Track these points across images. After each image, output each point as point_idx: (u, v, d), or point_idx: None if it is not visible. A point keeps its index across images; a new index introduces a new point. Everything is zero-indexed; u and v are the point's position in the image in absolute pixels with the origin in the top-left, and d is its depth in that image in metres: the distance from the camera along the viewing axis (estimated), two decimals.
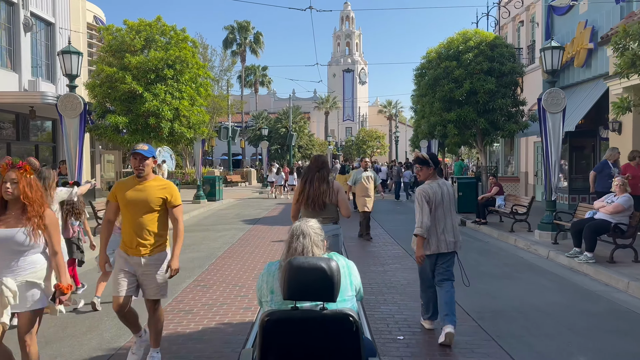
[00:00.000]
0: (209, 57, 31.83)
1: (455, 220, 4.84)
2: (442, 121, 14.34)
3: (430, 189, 4.65)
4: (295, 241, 2.63)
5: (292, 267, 2.39)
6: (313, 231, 2.67)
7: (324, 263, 2.41)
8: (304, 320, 2.43)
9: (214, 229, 12.89)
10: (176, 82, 14.29)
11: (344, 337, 2.40)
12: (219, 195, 21.00)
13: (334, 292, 2.39)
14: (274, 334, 2.40)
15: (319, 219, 3.69)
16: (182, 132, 14.24)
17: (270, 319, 2.40)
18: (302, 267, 2.39)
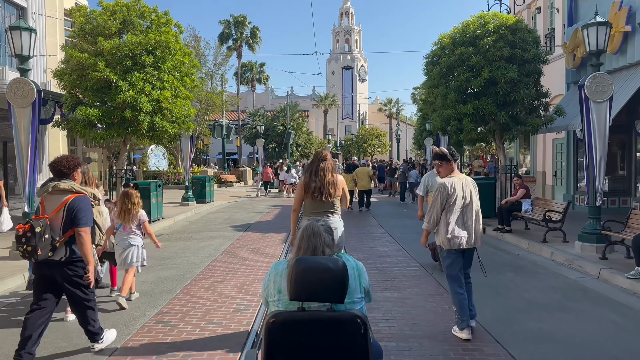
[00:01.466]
0: (202, 51, 30.15)
1: (479, 215, 4.77)
2: (457, 114, 12.70)
3: (451, 184, 4.55)
4: (306, 241, 2.56)
5: (299, 266, 2.35)
6: (324, 230, 2.61)
7: (332, 263, 2.35)
8: (311, 321, 2.35)
9: (197, 237, 11.25)
10: (157, 71, 12.62)
11: (352, 339, 2.32)
12: (210, 197, 19.37)
13: (342, 294, 2.34)
14: (280, 336, 2.33)
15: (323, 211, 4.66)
16: (164, 127, 12.58)
17: (276, 321, 2.33)
18: (310, 267, 2.35)
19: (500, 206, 11.12)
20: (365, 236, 11.12)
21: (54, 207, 4.04)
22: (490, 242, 10.36)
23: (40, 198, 4.12)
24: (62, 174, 4.11)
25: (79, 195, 4.07)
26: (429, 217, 4.65)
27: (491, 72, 12.19)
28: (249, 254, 9.12)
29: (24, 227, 3.86)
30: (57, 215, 4.00)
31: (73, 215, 3.98)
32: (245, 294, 6.29)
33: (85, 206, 4.06)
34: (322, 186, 4.84)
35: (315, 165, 4.94)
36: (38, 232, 3.84)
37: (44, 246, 3.87)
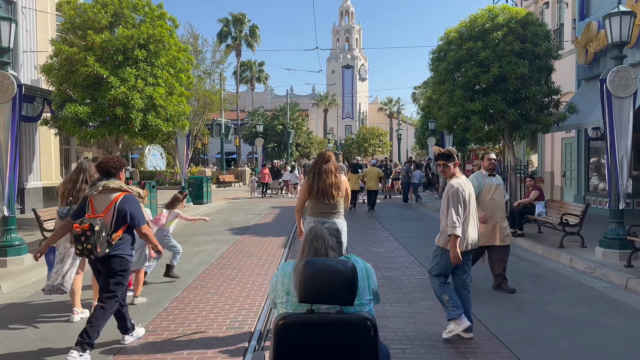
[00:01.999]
0: (199, 49, 29.50)
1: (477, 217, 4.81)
2: (465, 112, 12.12)
3: (465, 184, 4.57)
4: (309, 244, 2.55)
5: (307, 268, 2.32)
6: (329, 233, 2.58)
7: (342, 265, 2.32)
8: (320, 324, 2.31)
9: (192, 241, 10.66)
10: (150, 66, 12.03)
11: (361, 342, 2.30)
12: (207, 198, 18.78)
13: (352, 296, 2.30)
14: (289, 338, 2.29)
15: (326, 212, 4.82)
16: (157, 125, 11.99)
17: (285, 323, 2.30)
18: (319, 268, 2.32)
19: (511, 209, 10.54)
20: (369, 240, 10.55)
21: (104, 205, 4.25)
22: None
23: (88, 197, 4.29)
24: (109, 173, 4.33)
25: (127, 194, 4.32)
26: (455, 220, 4.39)
27: (501, 68, 11.62)
28: (246, 260, 8.53)
29: (83, 227, 4.02)
30: (108, 214, 4.22)
31: (129, 217, 4.26)
32: (240, 307, 5.71)
33: (136, 205, 4.34)
34: (325, 188, 4.86)
35: (319, 167, 4.95)
36: (97, 230, 4.04)
37: (102, 243, 4.09)
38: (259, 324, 5.10)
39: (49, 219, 9.21)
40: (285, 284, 2.56)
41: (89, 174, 5.13)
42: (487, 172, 6.28)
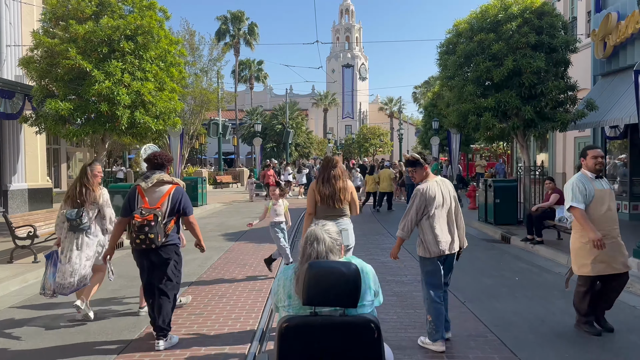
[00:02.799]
0: (196, 45, 28.66)
1: (459, 218, 4.53)
2: (476, 109, 11.28)
3: (429, 189, 4.35)
4: (309, 247, 2.51)
5: (311, 271, 2.31)
6: (329, 236, 2.54)
7: (345, 267, 2.33)
8: (324, 326, 2.31)
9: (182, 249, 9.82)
10: (138, 60, 11.18)
11: (365, 343, 2.30)
12: (202, 200, 17.95)
13: (355, 298, 2.31)
14: (293, 341, 2.29)
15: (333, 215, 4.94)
16: (146, 123, 11.14)
17: (290, 325, 2.30)
18: (322, 271, 2.32)
19: (529, 213, 9.71)
20: (374, 247, 9.72)
21: (158, 197, 4.49)
22: (519, 255, 8.95)
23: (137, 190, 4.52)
24: (162, 166, 4.63)
25: (179, 186, 4.62)
26: (403, 224, 4.40)
27: (515, 61, 10.79)
28: (239, 271, 7.71)
29: (147, 218, 4.26)
30: (163, 205, 4.46)
31: (180, 206, 4.55)
32: (228, 334, 4.87)
33: (186, 196, 4.66)
34: (334, 193, 4.97)
35: (327, 172, 5.02)
36: (159, 220, 4.31)
37: (161, 233, 4.33)
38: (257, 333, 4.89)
39: (23, 225, 8.40)
40: (286, 288, 2.54)
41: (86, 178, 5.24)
42: (593, 175, 4.85)
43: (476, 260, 8.51)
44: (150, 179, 4.50)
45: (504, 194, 11.79)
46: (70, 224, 5.05)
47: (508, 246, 10.00)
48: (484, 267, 7.92)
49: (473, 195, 15.50)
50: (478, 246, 9.92)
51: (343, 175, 5.08)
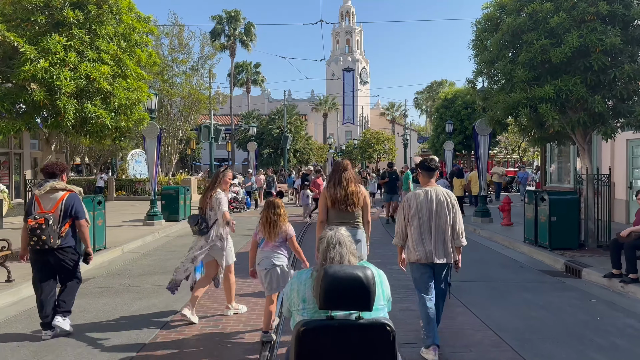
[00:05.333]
0: (185, 42, 26.13)
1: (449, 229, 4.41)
2: (530, 99, 8.70)
3: (413, 196, 4.52)
4: (332, 250, 2.59)
5: (327, 275, 2.34)
6: (348, 239, 2.66)
7: (360, 271, 2.37)
8: (341, 329, 2.36)
9: (140, 285, 7.20)
10: (89, 35, 8.64)
11: (381, 346, 2.35)
12: (184, 213, 15.27)
13: (371, 301, 2.35)
14: (310, 344, 2.34)
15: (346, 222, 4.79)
16: (100, 117, 8.55)
17: (307, 329, 2.35)
18: (338, 275, 2.35)
19: (615, 239, 7.08)
20: (395, 282, 7.10)
21: (51, 203, 4.89)
22: (607, 298, 6.36)
23: (34, 197, 4.94)
24: (54, 175, 5.00)
25: (72, 193, 5.03)
26: (396, 230, 4.59)
27: (582, 38, 8.23)
28: (212, 342, 5.04)
29: (38, 221, 4.68)
30: (57, 210, 4.88)
31: (72, 210, 4.94)
32: None
33: (79, 202, 5.04)
34: (347, 196, 4.88)
35: (338, 176, 4.94)
36: (50, 224, 4.73)
37: (54, 235, 4.77)
38: None
39: None
40: (301, 292, 2.59)
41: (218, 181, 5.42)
42: None
43: (552, 307, 5.93)
44: (43, 186, 4.89)
45: (562, 210, 9.18)
46: (192, 230, 5.25)
47: (581, 282, 7.38)
48: (573, 326, 5.29)
49: (507, 209, 12.90)
50: (543, 283, 7.31)
51: (355, 179, 4.99)
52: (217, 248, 5.31)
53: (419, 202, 4.44)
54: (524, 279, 7.60)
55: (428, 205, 4.42)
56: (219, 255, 5.35)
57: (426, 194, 4.47)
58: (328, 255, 2.58)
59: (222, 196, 5.31)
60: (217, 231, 5.30)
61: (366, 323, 2.36)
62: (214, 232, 5.28)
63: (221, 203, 5.27)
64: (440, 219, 4.41)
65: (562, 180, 16.61)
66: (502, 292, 6.79)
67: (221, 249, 5.32)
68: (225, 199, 5.39)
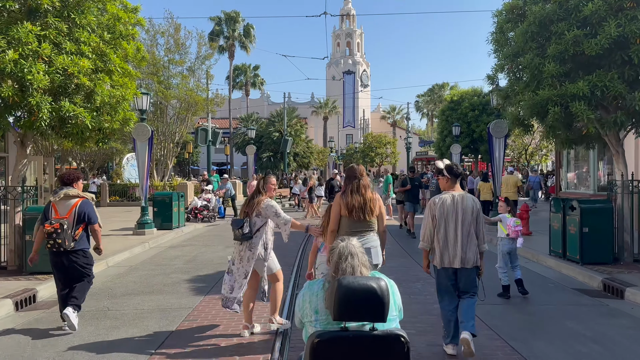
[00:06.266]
0: (181, 41, 25.23)
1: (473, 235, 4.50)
2: (560, 97, 7.77)
3: (440, 200, 4.52)
4: (344, 262, 2.56)
5: (341, 287, 2.34)
6: (359, 251, 2.64)
7: (374, 282, 2.37)
8: (355, 340, 2.36)
9: (116, 310, 6.23)
10: (68, 25, 7.71)
11: (395, 358, 2.35)
12: (178, 221, 14.32)
13: (385, 312, 2.35)
14: (325, 355, 2.34)
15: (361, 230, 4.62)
16: (79, 117, 7.61)
17: (322, 340, 2.33)
18: (352, 286, 2.35)
19: None
20: (409, 299, 6.16)
21: (66, 209, 5.36)
22: None
23: (51, 203, 5.40)
24: (68, 183, 5.52)
25: (85, 199, 5.52)
26: (422, 234, 4.63)
27: (620, 27, 7.33)
28: None
29: (54, 226, 5.16)
30: (71, 215, 5.34)
31: (85, 216, 5.41)
32: None
33: (91, 208, 5.52)
34: (364, 204, 4.67)
35: (357, 183, 4.74)
36: (65, 228, 5.20)
37: (69, 238, 5.24)
38: None
39: None
40: (313, 303, 2.57)
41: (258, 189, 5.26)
42: None
43: (604, 340, 4.97)
44: (58, 194, 5.44)
45: (594, 220, 8.24)
46: (234, 234, 5.05)
47: (627, 305, 6.43)
48: None
49: (526, 217, 11.95)
50: (584, 306, 6.36)
51: (370, 186, 4.81)
52: (260, 259, 5.06)
53: (446, 206, 4.47)
54: (560, 301, 6.66)
55: (455, 210, 4.46)
56: (260, 266, 5.07)
57: (453, 199, 4.50)
58: (340, 266, 2.54)
59: (273, 203, 5.17)
60: (263, 239, 5.08)
61: (381, 334, 2.35)
62: (260, 239, 5.05)
63: (277, 211, 5.10)
64: (466, 225, 4.47)
65: (579, 186, 15.69)
66: (539, 318, 5.85)
67: (264, 259, 5.05)
68: (278, 206, 5.27)
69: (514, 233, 6.71)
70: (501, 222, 6.88)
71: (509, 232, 6.72)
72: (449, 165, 4.68)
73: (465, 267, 4.49)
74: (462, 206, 4.48)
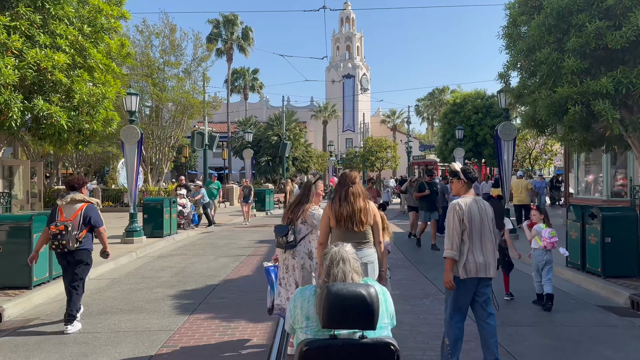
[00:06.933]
0: (177, 42, 24.58)
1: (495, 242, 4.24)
2: (581, 95, 7.09)
3: (465, 204, 4.15)
4: (336, 267, 2.50)
5: (330, 293, 2.28)
6: (352, 257, 2.57)
7: (364, 289, 2.32)
8: (344, 349, 2.30)
9: (89, 332, 5.52)
10: (42, 16, 7.05)
11: None
12: (169, 228, 13.61)
13: (374, 320, 2.30)
14: None
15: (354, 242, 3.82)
16: (53, 116, 6.94)
17: (310, 348, 2.29)
18: (341, 293, 2.29)
19: None
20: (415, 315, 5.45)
21: (72, 212, 5.65)
22: None
23: (57, 206, 5.69)
24: (74, 188, 5.79)
25: (90, 204, 5.81)
26: (450, 242, 4.11)
27: None
28: None
29: (59, 228, 5.43)
30: (76, 218, 5.63)
31: (90, 220, 5.70)
32: None
33: (96, 212, 5.80)
34: (353, 213, 4.30)
35: (345, 190, 4.39)
36: (69, 230, 5.48)
37: (72, 240, 5.50)
38: None
39: None
40: (304, 309, 2.51)
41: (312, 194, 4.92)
42: None
43: None
44: (65, 198, 5.70)
45: (618, 230, 7.56)
46: (277, 241, 4.82)
47: None
48: None
49: None
50: (614, 327, 5.65)
51: (364, 194, 4.41)
52: (306, 269, 4.78)
53: (473, 211, 4.15)
54: (586, 320, 5.96)
55: (480, 216, 4.18)
56: (308, 278, 4.72)
57: (477, 203, 4.22)
58: (331, 272, 2.50)
59: (321, 212, 4.80)
60: (307, 247, 4.80)
61: (370, 342, 2.30)
62: (303, 248, 4.77)
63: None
64: (488, 230, 4.22)
65: (590, 192, 14.99)
66: (566, 342, 5.16)
67: (310, 270, 4.74)
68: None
69: (550, 244, 6.41)
70: (537, 233, 6.59)
71: (544, 243, 6.44)
72: (465, 170, 4.32)
73: (488, 277, 4.20)
74: (486, 211, 4.23)
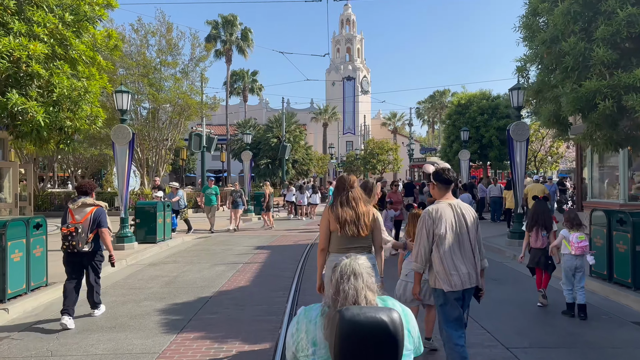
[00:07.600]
0: (174, 42, 23.96)
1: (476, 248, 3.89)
2: (613, 87, 6.44)
3: (437, 211, 3.86)
4: (346, 282, 2.08)
5: (344, 320, 1.87)
6: (365, 271, 2.13)
7: (386, 315, 1.90)
8: None
9: (61, 354, 4.84)
10: (17, 1, 6.41)
11: None
12: (162, 234, 12.93)
13: (399, 353, 1.91)
14: None
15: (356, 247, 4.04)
16: (29, 111, 6.28)
17: None
18: (358, 320, 1.88)
19: None
20: None
21: (82, 215, 5.97)
22: None
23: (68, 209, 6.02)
24: (85, 193, 6.13)
25: (99, 207, 6.15)
26: (415, 253, 3.92)
27: None
28: None
29: (69, 229, 5.77)
30: (86, 221, 5.95)
31: (98, 221, 6.02)
32: None
33: (104, 215, 6.14)
34: (357, 218, 4.11)
35: (345, 195, 4.22)
36: (79, 232, 5.82)
37: (83, 241, 5.85)
38: None
39: None
40: (310, 333, 2.10)
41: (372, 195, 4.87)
42: None
43: None
44: (76, 202, 6.03)
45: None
46: None
47: None
48: None
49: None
50: None
51: (363, 197, 4.26)
52: None
53: (447, 218, 3.85)
54: (622, 340, 5.29)
55: (457, 222, 3.86)
56: None
57: (452, 208, 3.91)
58: (341, 287, 2.07)
59: (379, 216, 4.50)
60: None
61: None
62: None
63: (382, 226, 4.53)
64: (469, 237, 3.89)
65: (604, 195, 14.32)
66: None
67: None
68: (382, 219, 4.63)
69: (579, 249, 6.01)
70: (564, 238, 6.21)
71: (573, 248, 6.05)
72: (436, 172, 4.04)
73: (472, 287, 3.89)
74: (464, 216, 3.88)
